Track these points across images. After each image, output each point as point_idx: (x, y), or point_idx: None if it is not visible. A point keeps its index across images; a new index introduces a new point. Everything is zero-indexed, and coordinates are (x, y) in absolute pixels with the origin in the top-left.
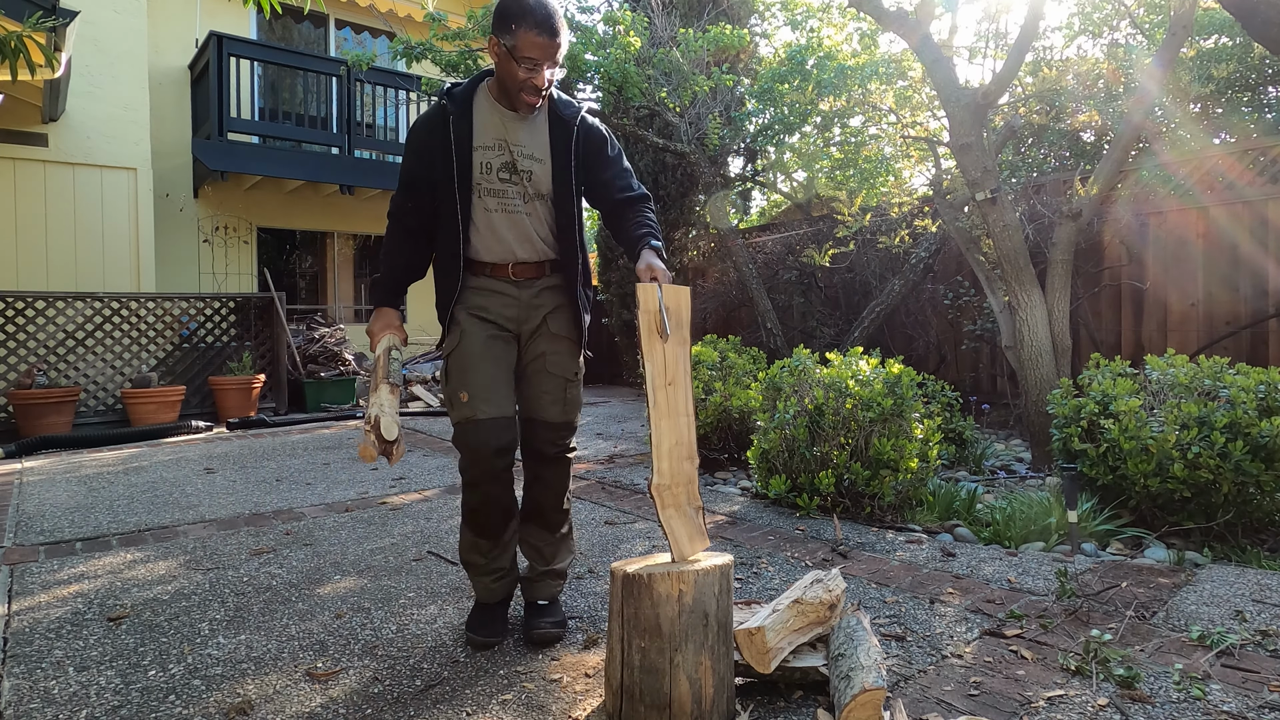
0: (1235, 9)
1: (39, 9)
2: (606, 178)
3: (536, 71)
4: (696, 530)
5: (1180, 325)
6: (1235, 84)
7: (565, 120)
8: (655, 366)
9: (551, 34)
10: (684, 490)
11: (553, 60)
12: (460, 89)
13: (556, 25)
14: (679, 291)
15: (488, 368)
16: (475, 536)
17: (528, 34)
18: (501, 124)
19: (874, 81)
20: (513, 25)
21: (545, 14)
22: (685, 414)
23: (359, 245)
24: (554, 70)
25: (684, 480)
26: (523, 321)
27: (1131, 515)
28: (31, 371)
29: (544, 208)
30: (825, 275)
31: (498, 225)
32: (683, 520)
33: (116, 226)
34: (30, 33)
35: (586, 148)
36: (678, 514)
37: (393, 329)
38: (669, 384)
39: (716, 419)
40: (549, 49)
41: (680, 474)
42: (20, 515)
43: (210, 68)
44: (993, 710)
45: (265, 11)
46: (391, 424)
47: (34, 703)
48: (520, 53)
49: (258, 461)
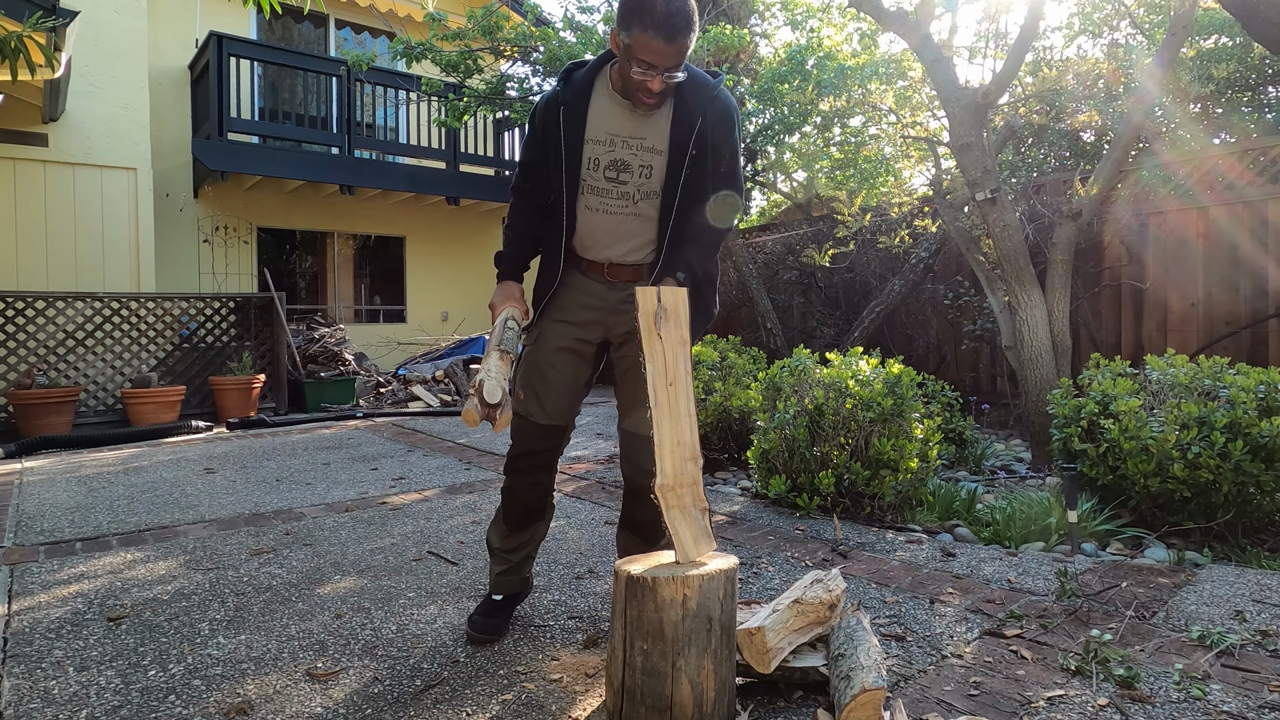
0: (1235, 9)
1: (39, 9)
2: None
3: (651, 75)
4: (702, 532)
5: (1180, 325)
6: (1235, 84)
7: (691, 110)
8: (655, 367)
9: (669, 37)
10: (689, 491)
11: (672, 65)
12: (581, 73)
13: (678, 27)
14: (676, 293)
15: (550, 376)
16: (501, 518)
17: (644, 35)
18: (618, 116)
19: (874, 81)
20: (631, 22)
21: (666, 13)
22: (687, 414)
23: (359, 245)
24: (677, 76)
25: (688, 481)
26: (610, 327)
27: (1131, 515)
28: (31, 371)
29: (652, 207)
30: (825, 275)
31: (595, 225)
32: (688, 522)
33: (116, 226)
34: (30, 33)
35: (711, 134)
36: (683, 515)
37: (513, 301)
38: (670, 384)
39: (716, 419)
40: (666, 54)
41: (684, 475)
42: (20, 515)
43: (210, 68)
44: (993, 710)
45: (265, 11)
46: (495, 388)
47: (34, 703)
48: (635, 53)
49: (258, 461)
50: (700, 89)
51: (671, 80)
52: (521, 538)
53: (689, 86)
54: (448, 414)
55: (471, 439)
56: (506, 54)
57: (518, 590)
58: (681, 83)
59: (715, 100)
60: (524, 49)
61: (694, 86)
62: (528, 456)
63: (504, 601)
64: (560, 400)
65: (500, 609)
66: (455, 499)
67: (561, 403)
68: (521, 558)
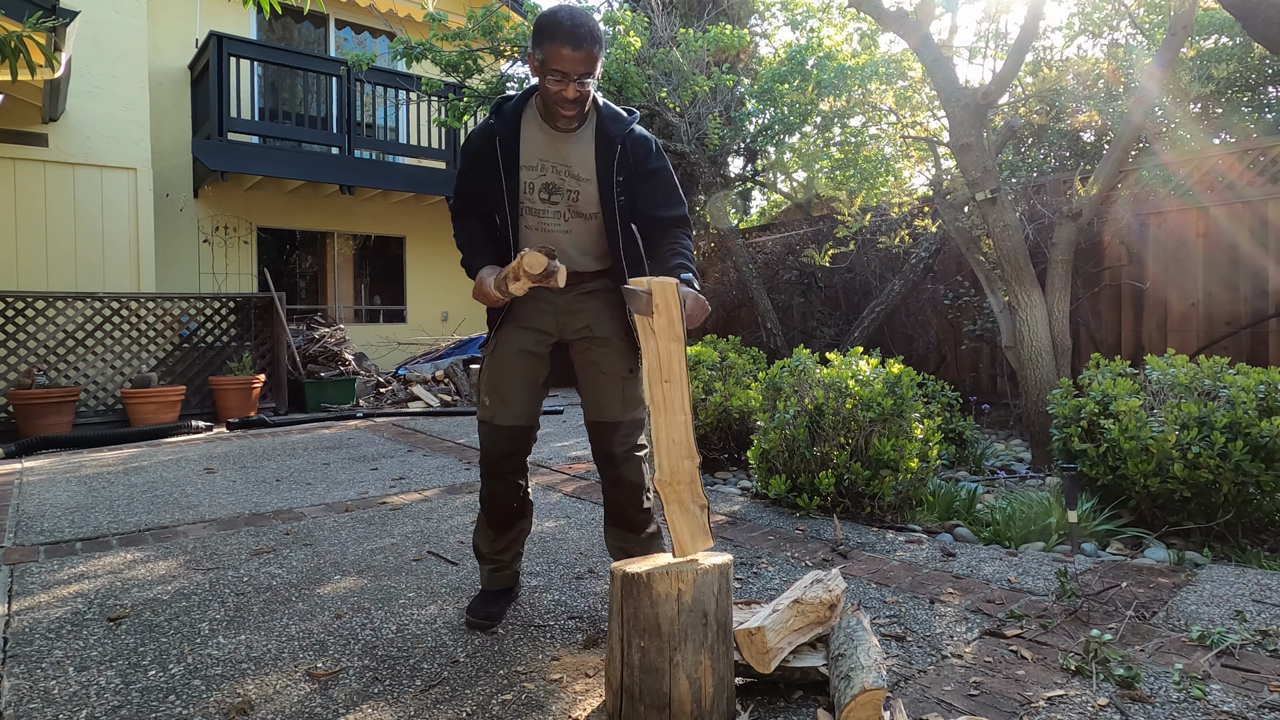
0: (1235, 9)
1: (39, 9)
2: (647, 192)
3: (565, 84)
4: (700, 529)
5: (1180, 325)
6: (1235, 84)
7: (611, 137)
8: (650, 363)
9: (576, 45)
10: (686, 489)
11: (583, 73)
12: (510, 105)
13: (582, 36)
14: (667, 286)
15: (511, 379)
16: (485, 523)
17: (554, 46)
18: (547, 142)
19: (874, 81)
20: (543, 38)
21: (571, 25)
22: (682, 411)
23: (359, 245)
24: (587, 83)
25: (685, 479)
26: (563, 327)
27: (1131, 515)
28: (31, 371)
29: (584, 225)
30: (825, 275)
31: (533, 243)
32: (685, 518)
33: (116, 226)
34: (30, 33)
35: (633, 163)
36: (681, 511)
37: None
38: (665, 381)
39: (716, 419)
40: (575, 61)
41: (680, 472)
42: (20, 515)
43: (210, 68)
44: (993, 710)
45: (265, 11)
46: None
47: (34, 703)
48: (549, 65)
49: (258, 461)
50: (617, 122)
51: (584, 88)
52: (508, 538)
53: (608, 120)
54: (448, 414)
55: (472, 439)
56: (506, 54)
57: (510, 585)
58: (601, 116)
59: (632, 133)
60: (524, 49)
61: (612, 120)
62: (501, 460)
63: (499, 592)
64: (523, 403)
65: (496, 598)
66: (455, 499)
67: (525, 405)
68: (510, 556)
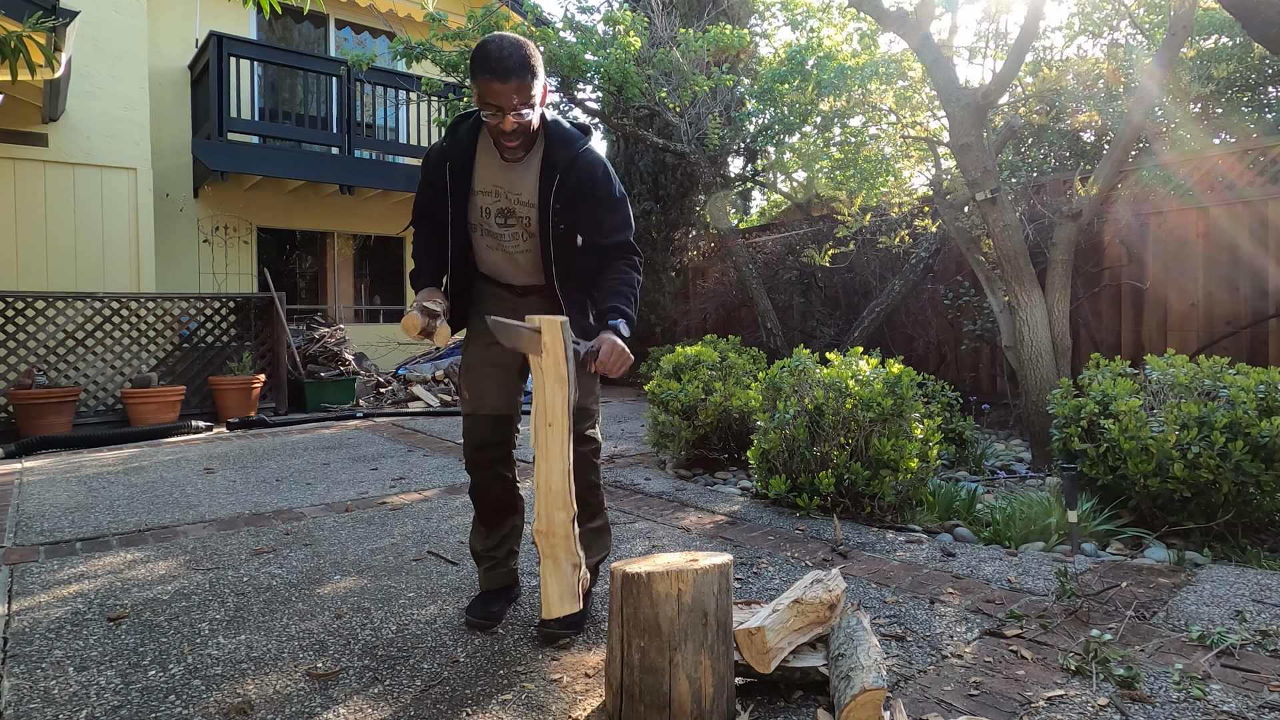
0: (1235, 9)
1: (39, 9)
2: (587, 218)
3: (500, 116)
4: (569, 590)
5: (1180, 325)
6: (1235, 84)
7: (554, 163)
8: (535, 404)
9: (503, 78)
10: (561, 543)
11: (515, 104)
12: (466, 127)
13: (510, 69)
14: (554, 326)
15: (485, 371)
16: (477, 521)
17: (482, 78)
18: (498, 169)
19: (874, 81)
20: (475, 71)
21: (498, 58)
22: (561, 459)
23: (359, 245)
24: (524, 113)
25: (560, 532)
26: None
27: (1131, 515)
28: (31, 371)
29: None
30: (825, 275)
31: (494, 259)
32: (557, 576)
33: (116, 226)
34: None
35: (573, 189)
36: (553, 568)
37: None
38: (548, 425)
39: (716, 419)
40: (504, 93)
41: (555, 523)
42: (20, 515)
43: (210, 68)
44: (993, 710)
45: (265, 11)
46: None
47: (34, 703)
48: (482, 98)
49: (258, 461)
50: (564, 147)
51: (522, 119)
52: (500, 533)
53: (555, 145)
54: (448, 414)
55: None
56: None
57: (508, 584)
58: (550, 141)
59: (576, 159)
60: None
61: (559, 145)
62: (481, 449)
63: (498, 592)
64: (499, 392)
65: (496, 598)
66: (455, 499)
67: (501, 393)
68: (505, 553)
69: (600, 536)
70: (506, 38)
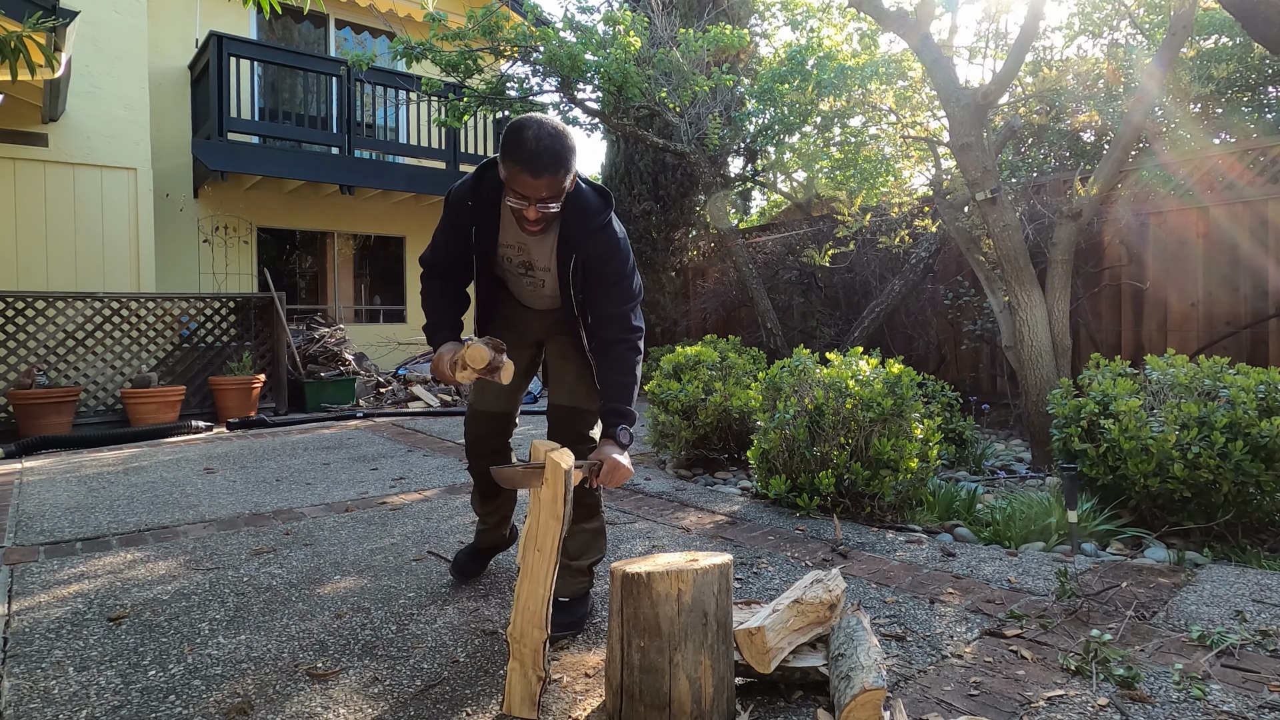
0: (1235, 9)
1: (39, 9)
2: (597, 289)
3: (525, 205)
4: (529, 698)
5: (1180, 325)
6: (1235, 84)
7: (570, 242)
8: (528, 528)
9: (535, 173)
10: (530, 655)
11: (543, 198)
12: (489, 184)
13: (543, 163)
14: (557, 467)
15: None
16: (476, 489)
17: (514, 168)
18: (517, 232)
19: (874, 81)
20: (506, 156)
21: (533, 150)
22: (544, 585)
23: (359, 245)
24: (550, 207)
25: (531, 645)
26: (545, 333)
27: (1131, 515)
28: (31, 371)
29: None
30: (825, 275)
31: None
32: (522, 681)
33: (116, 226)
34: (30, 33)
35: (587, 264)
36: (520, 672)
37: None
38: (536, 550)
39: (716, 419)
40: (535, 187)
41: (529, 639)
42: (20, 515)
43: (210, 68)
44: (993, 710)
45: (265, 11)
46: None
47: (34, 703)
48: (509, 184)
49: (258, 461)
50: (583, 222)
51: (546, 211)
52: (493, 504)
53: (574, 217)
54: (448, 414)
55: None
56: (506, 54)
57: (496, 544)
58: (568, 212)
59: (593, 239)
60: (524, 49)
61: (578, 220)
62: (479, 440)
63: (484, 551)
64: (503, 393)
65: (480, 556)
66: (455, 499)
67: (504, 395)
68: (497, 519)
69: (596, 539)
70: (545, 125)
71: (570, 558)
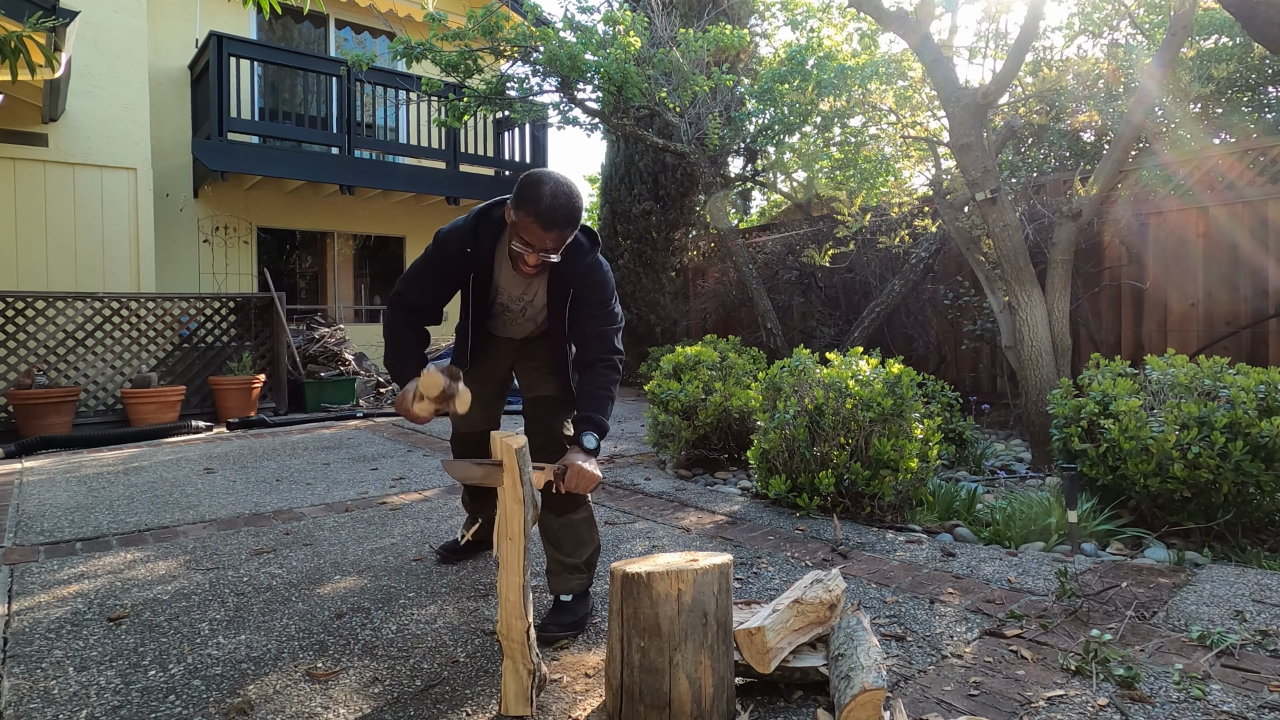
0: (1235, 9)
1: (39, 9)
2: (585, 316)
3: (528, 251)
4: (522, 695)
5: (1180, 325)
6: (1235, 84)
7: (564, 279)
8: (499, 517)
9: (547, 226)
10: (518, 648)
11: (548, 249)
12: (489, 228)
13: (557, 220)
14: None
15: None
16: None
17: (527, 218)
18: (511, 273)
19: (874, 81)
20: (520, 205)
21: (550, 206)
22: (517, 572)
23: (359, 245)
24: (552, 257)
25: (517, 638)
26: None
27: (1131, 515)
28: (31, 371)
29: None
30: (825, 275)
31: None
32: (514, 678)
33: (116, 226)
34: (30, 33)
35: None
36: (512, 670)
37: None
38: (507, 538)
39: (716, 419)
40: (543, 239)
41: (513, 630)
42: (20, 515)
43: (210, 68)
44: (993, 710)
45: (265, 11)
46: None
47: (34, 703)
48: (518, 230)
49: (258, 461)
50: (572, 262)
51: (547, 260)
52: (480, 501)
53: (567, 257)
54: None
55: None
56: (506, 54)
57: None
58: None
59: (585, 276)
60: (524, 49)
61: (569, 258)
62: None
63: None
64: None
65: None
66: (455, 499)
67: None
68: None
69: (588, 528)
70: (562, 185)
71: (565, 554)
